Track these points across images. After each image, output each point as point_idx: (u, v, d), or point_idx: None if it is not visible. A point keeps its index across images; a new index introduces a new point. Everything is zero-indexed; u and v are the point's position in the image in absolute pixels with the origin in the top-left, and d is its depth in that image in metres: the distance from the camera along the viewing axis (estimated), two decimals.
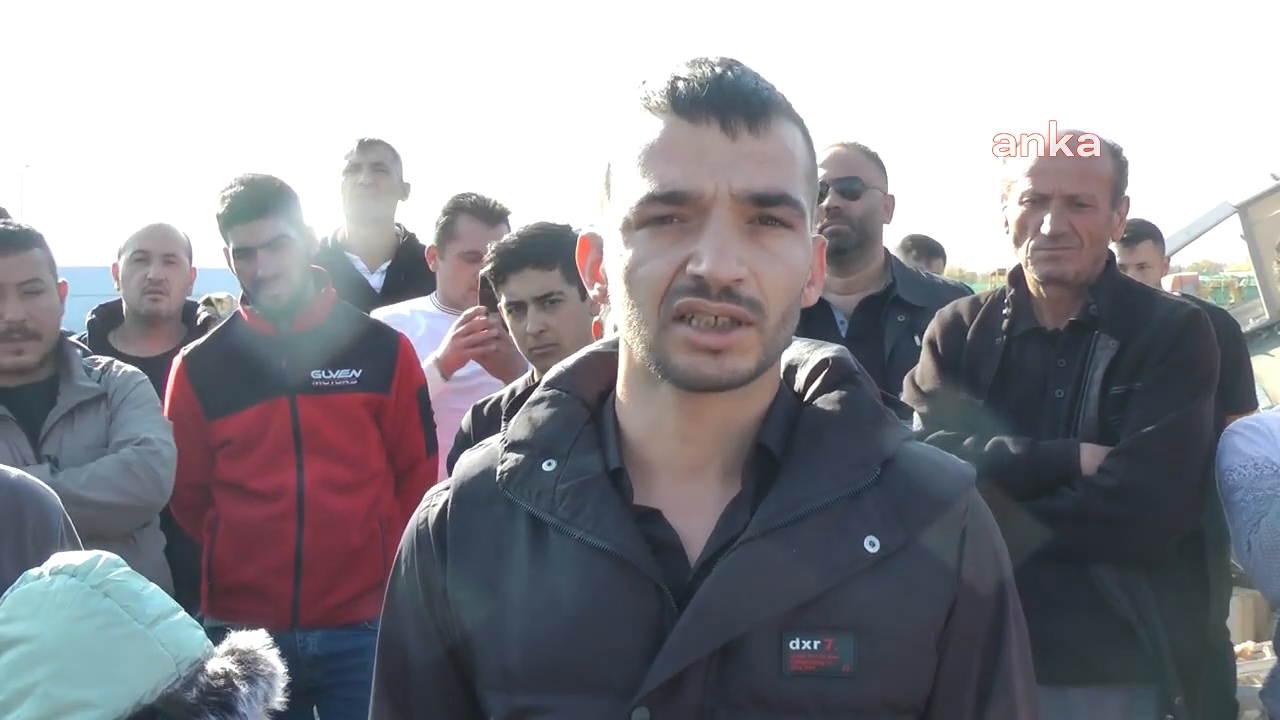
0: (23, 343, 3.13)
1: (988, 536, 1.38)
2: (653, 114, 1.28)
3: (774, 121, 1.27)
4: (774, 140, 1.27)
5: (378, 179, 4.70)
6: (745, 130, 1.25)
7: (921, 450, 1.40)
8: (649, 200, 1.26)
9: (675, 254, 1.25)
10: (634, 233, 1.27)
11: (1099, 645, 2.67)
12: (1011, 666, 1.37)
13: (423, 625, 1.42)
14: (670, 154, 1.26)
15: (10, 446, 3.07)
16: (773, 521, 1.28)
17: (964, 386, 2.87)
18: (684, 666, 1.26)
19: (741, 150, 1.25)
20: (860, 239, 3.63)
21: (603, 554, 1.29)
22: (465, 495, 1.41)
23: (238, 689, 1.71)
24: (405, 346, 3.67)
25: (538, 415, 1.40)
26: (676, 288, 1.25)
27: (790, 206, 1.27)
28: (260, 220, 3.47)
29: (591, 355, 1.46)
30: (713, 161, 1.24)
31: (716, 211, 1.24)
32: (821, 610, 1.28)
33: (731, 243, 1.24)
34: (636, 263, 1.27)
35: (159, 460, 3.14)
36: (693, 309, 1.24)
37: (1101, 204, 2.80)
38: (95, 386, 3.20)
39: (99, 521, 3.00)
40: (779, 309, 1.27)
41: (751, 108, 1.26)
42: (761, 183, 1.25)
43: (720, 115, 1.25)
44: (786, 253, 1.27)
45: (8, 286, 3.12)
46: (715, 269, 1.22)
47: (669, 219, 1.26)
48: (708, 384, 1.27)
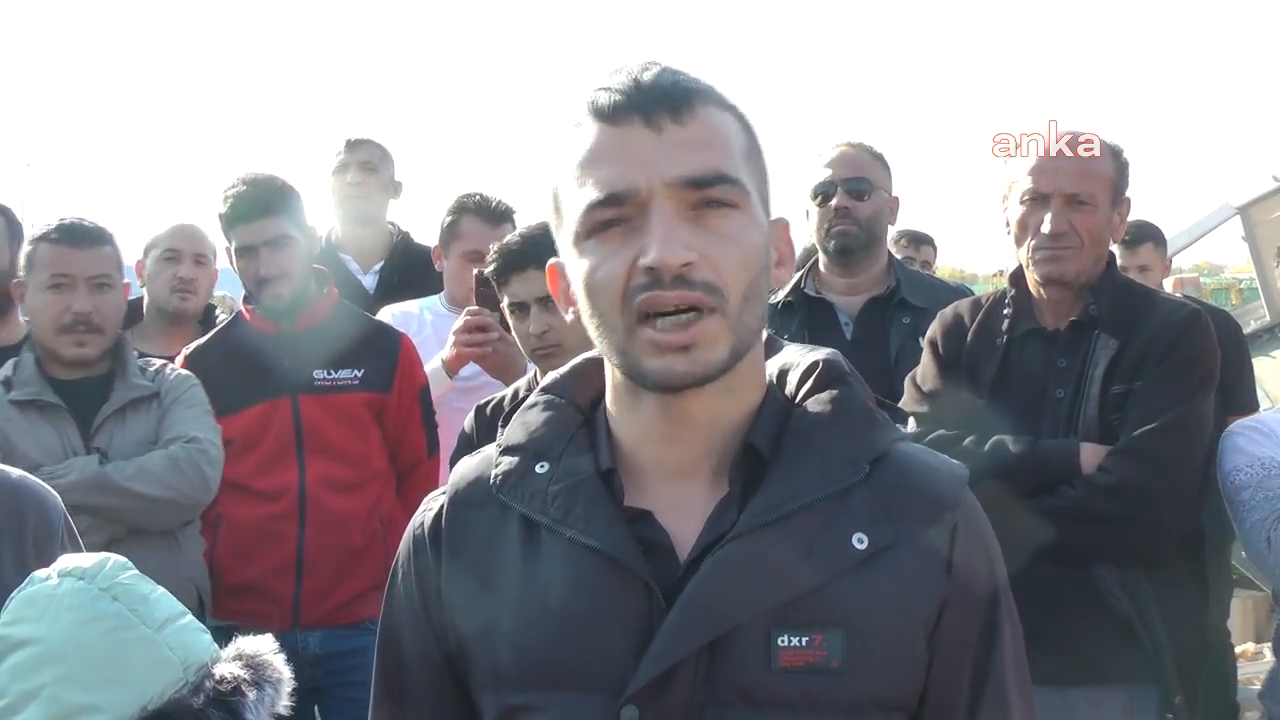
0: (86, 335, 3.17)
1: (980, 535, 1.38)
2: (580, 129, 1.30)
3: (698, 109, 1.29)
4: (700, 126, 1.29)
5: (366, 178, 4.70)
6: (669, 121, 1.27)
7: (913, 450, 1.40)
8: (590, 208, 1.28)
9: (625, 254, 1.27)
10: (585, 243, 1.30)
11: (1100, 645, 2.67)
12: (1005, 666, 1.37)
13: (419, 628, 1.43)
14: (601, 159, 1.28)
15: (61, 436, 3.12)
16: (760, 519, 1.29)
17: (965, 386, 2.87)
18: (672, 664, 1.27)
19: (668, 141, 1.27)
20: (867, 240, 3.63)
21: (593, 553, 1.31)
22: (460, 499, 1.42)
23: (245, 695, 1.71)
24: (407, 346, 3.67)
25: (531, 419, 1.42)
26: (633, 287, 1.26)
27: (729, 184, 1.28)
28: (263, 219, 3.47)
29: (586, 361, 1.47)
30: (642, 157, 1.26)
31: (655, 204, 1.26)
32: (810, 607, 1.28)
33: (675, 230, 1.25)
34: (591, 270, 1.29)
35: (206, 459, 3.16)
36: (652, 304, 1.25)
37: (1102, 204, 2.80)
38: (149, 385, 3.23)
39: (143, 515, 3.05)
40: (738, 289, 1.28)
41: (672, 100, 1.28)
42: (693, 166, 1.26)
43: (642, 112, 1.27)
44: (737, 232, 1.28)
45: (78, 280, 3.17)
46: (662, 256, 1.24)
47: (614, 222, 1.28)
48: (684, 381, 1.28)
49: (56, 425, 3.13)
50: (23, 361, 3.21)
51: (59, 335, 3.16)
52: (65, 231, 3.21)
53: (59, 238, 3.20)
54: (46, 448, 3.08)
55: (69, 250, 3.19)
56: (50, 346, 3.19)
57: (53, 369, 3.21)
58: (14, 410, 3.11)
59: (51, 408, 3.14)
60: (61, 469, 3.02)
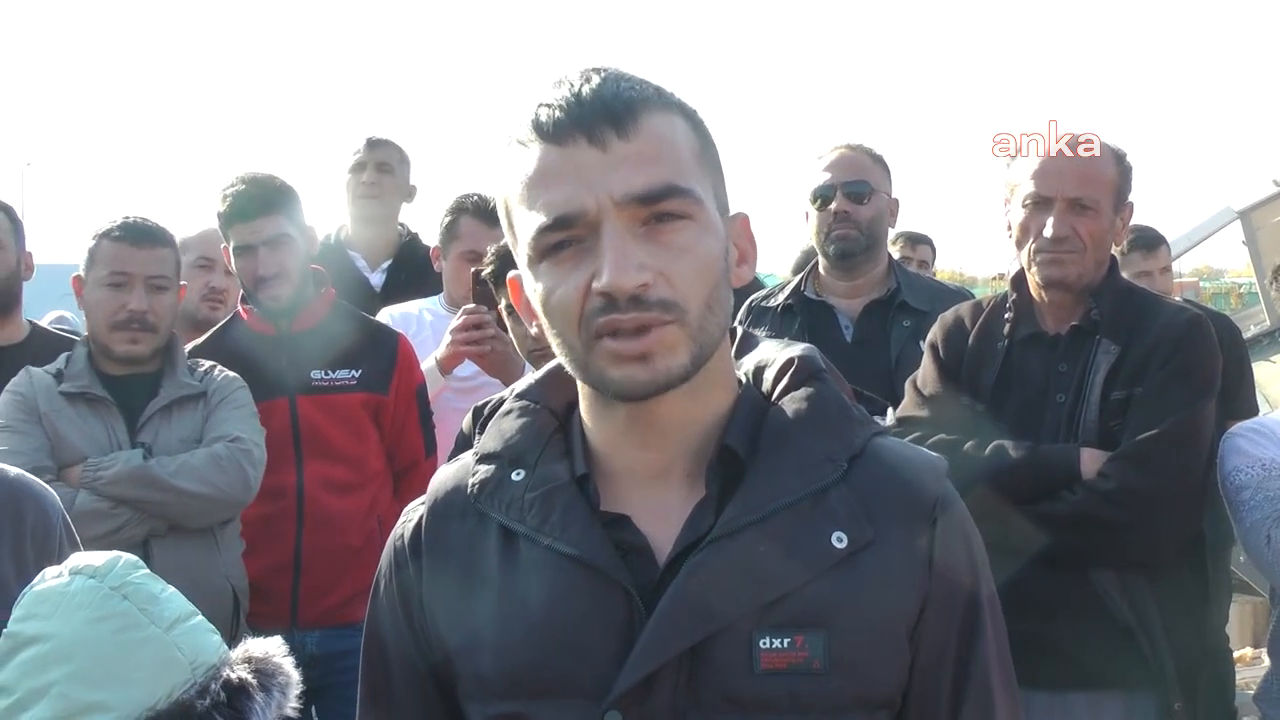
0: (140, 333, 3.20)
1: (961, 529, 1.37)
2: (524, 147, 1.28)
3: (643, 119, 1.26)
4: (646, 137, 1.26)
5: (381, 179, 4.70)
6: (614, 137, 1.25)
7: (892, 445, 1.39)
8: (540, 232, 1.26)
9: (578, 277, 1.25)
10: (538, 266, 1.28)
11: (1099, 650, 2.66)
12: (988, 660, 1.36)
13: (403, 638, 1.43)
14: (547, 181, 1.26)
15: (108, 429, 3.14)
16: (738, 521, 1.28)
17: (965, 391, 2.87)
18: (654, 668, 1.26)
19: (614, 158, 1.24)
20: (868, 243, 3.62)
21: (570, 560, 1.30)
22: (439, 509, 1.42)
23: (253, 698, 1.70)
24: (404, 347, 3.66)
25: (507, 426, 1.42)
26: (589, 310, 1.25)
27: (681, 197, 1.26)
28: (261, 219, 3.47)
29: (558, 366, 1.45)
30: (588, 177, 1.24)
31: (606, 224, 1.24)
32: (790, 608, 1.28)
33: (628, 251, 1.23)
34: (547, 293, 1.28)
35: (249, 459, 3.17)
36: (609, 327, 1.24)
37: (1104, 208, 2.79)
38: (196, 385, 3.25)
39: (183, 510, 3.07)
40: (698, 300, 1.27)
41: (615, 113, 1.25)
42: (641, 183, 1.24)
43: (585, 130, 1.25)
44: (692, 244, 1.27)
45: (136, 278, 3.21)
46: (616, 280, 1.22)
47: (565, 244, 1.26)
48: (645, 390, 1.27)
49: (104, 418, 3.16)
50: (75, 355, 3.25)
51: (113, 331, 3.19)
52: (128, 230, 3.24)
53: (121, 235, 3.23)
54: (93, 440, 3.11)
55: (129, 249, 3.22)
56: (104, 342, 3.22)
57: (104, 364, 3.23)
58: (63, 401, 3.14)
59: (100, 401, 3.16)
60: (107, 461, 3.05)
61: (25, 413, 3.10)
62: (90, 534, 2.70)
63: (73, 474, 3.04)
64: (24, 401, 3.12)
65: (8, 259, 3.67)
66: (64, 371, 3.20)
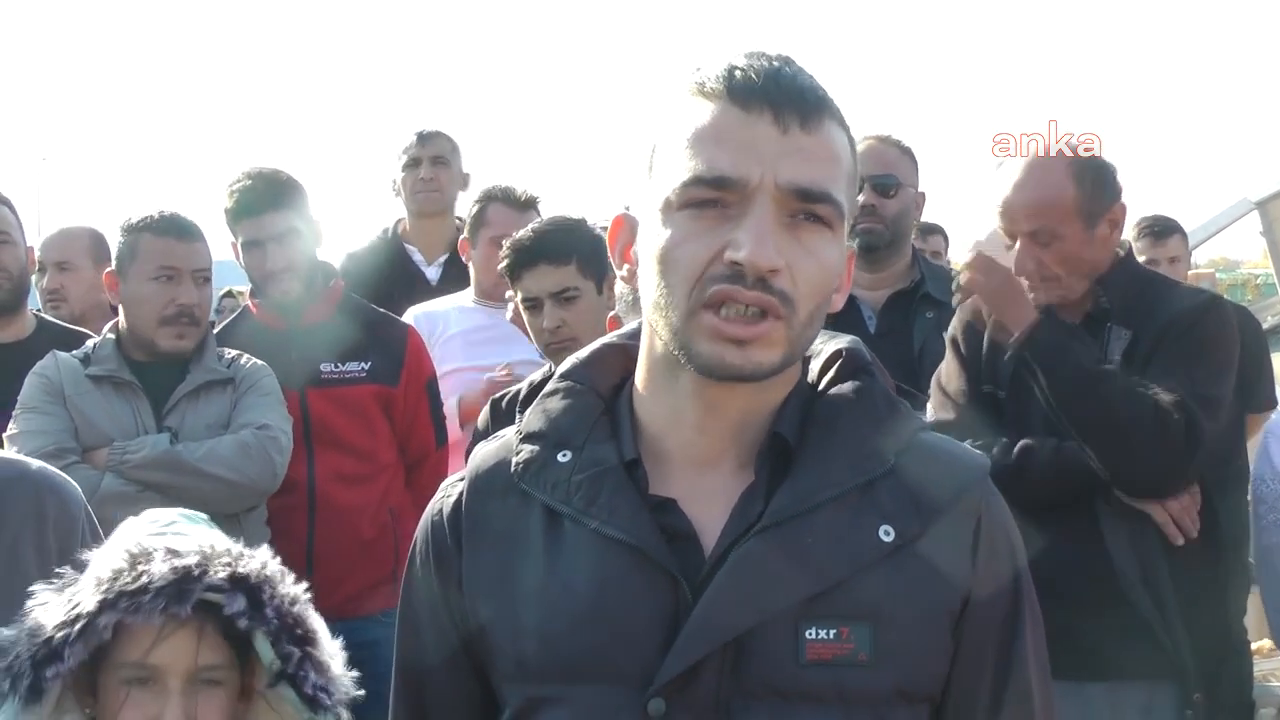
0: (187, 327, 3.21)
1: (1003, 525, 1.38)
2: (706, 99, 1.28)
3: (826, 122, 1.28)
4: (824, 139, 1.27)
5: (438, 173, 4.70)
6: (797, 125, 1.25)
7: (936, 440, 1.40)
8: (694, 182, 1.26)
9: (714, 239, 1.25)
10: (674, 214, 1.28)
11: (1119, 641, 2.65)
12: (1027, 655, 1.37)
13: (437, 617, 1.42)
14: (720, 139, 1.26)
15: (134, 413, 3.14)
16: (787, 511, 1.28)
17: (986, 380, 2.86)
18: (699, 658, 1.26)
19: (791, 144, 1.25)
20: (892, 237, 3.60)
21: (618, 544, 1.30)
22: (480, 486, 1.41)
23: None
24: (414, 339, 3.68)
25: (552, 407, 1.41)
26: (711, 274, 1.25)
27: (832, 205, 1.27)
28: (269, 214, 3.48)
29: (605, 346, 1.46)
30: (762, 151, 1.25)
31: (760, 200, 1.24)
32: (837, 600, 1.28)
33: (771, 233, 1.24)
34: (674, 244, 1.27)
35: (275, 446, 3.17)
36: (727, 297, 1.24)
37: (1068, 232, 2.73)
38: (224, 371, 3.25)
39: (209, 496, 3.04)
40: (808, 306, 1.28)
41: (806, 104, 1.26)
42: (807, 177, 1.25)
43: (774, 107, 1.25)
44: (822, 251, 1.28)
45: (184, 273, 3.21)
46: (754, 257, 1.22)
47: (712, 203, 1.26)
48: (730, 373, 1.27)
49: (131, 402, 3.15)
50: (103, 340, 3.25)
51: (161, 326, 3.18)
52: (171, 224, 3.24)
53: (166, 230, 3.22)
54: (120, 423, 3.11)
55: (176, 243, 3.22)
56: (149, 337, 3.21)
57: (133, 352, 3.23)
58: (90, 385, 3.14)
59: (126, 385, 3.16)
60: (134, 445, 3.05)
61: (50, 395, 3.10)
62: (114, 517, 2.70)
63: (99, 457, 3.03)
64: (49, 384, 3.12)
65: (18, 254, 3.65)
66: (91, 355, 3.20)
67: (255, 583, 1.70)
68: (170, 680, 1.68)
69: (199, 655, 1.68)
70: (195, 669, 1.68)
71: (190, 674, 1.68)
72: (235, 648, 1.72)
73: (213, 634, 1.69)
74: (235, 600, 1.67)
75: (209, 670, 1.70)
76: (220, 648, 1.70)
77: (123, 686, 1.68)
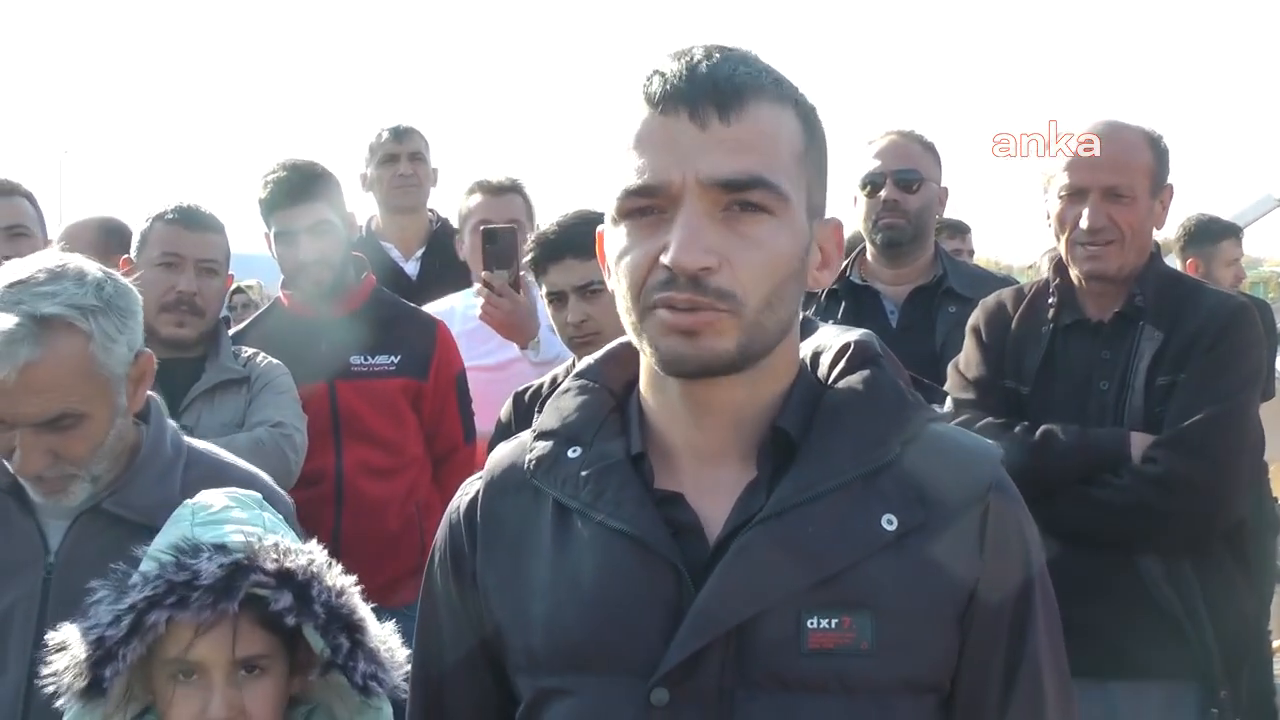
0: (188, 316, 3.21)
1: (1015, 517, 1.37)
2: (635, 108, 1.30)
3: (750, 106, 1.27)
4: (748, 124, 1.27)
5: (417, 168, 4.72)
6: (715, 118, 1.25)
7: (947, 431, 1.40)
8: (625, 194, 1.28)
9: (651, 245, 1.27)
10: (619, 226, 1.30)
11: (1143, 639, 2.65)
12: (1039, 650, 1.36)
13: (455, 615, 1.45)
14: (643, 147, 1.28)
15: None
16: (789, 501, 1.29)
17: (1009, 375, 2.86)
18: (701, 646, 1.27)
19: (711, 138, 1.25)
20: (915, 232, 3.59)
21: (622, 536, 1.31)
22: (496, 485, 1.44)
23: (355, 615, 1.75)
24: (443, 334, 3.69)
25: (565, 405, 1.44)
26: (651, 282, 1.27)
27: (765, 190, 1.27)
28: (303, 205, 3.49)
29: (620, 345, 1.47)
30: (681, 150, 1.25)
31: (686, 201, 1.25)
32: (839, 589, 1.28)
33: (700, 231, 1.24)
34: (620, 253, 1.30)
35: (290, 444, 3.18)
36: (664, 303, 1.26)
37: (1141, 195, 2.77)
38: (240, 370, 3.26)
39: None
40: (759, 295, 1.27)
41: (723, 95, 1.26)
42: (729, 169, 1.25)
43: (689, 105, 1.26)
44: (767, 239, 1.27)
45: (187, 261, 3.22)
46: (679, 258, 1.23)
47: (647, 210, 1.28)
48: (688, 366, 1.28)
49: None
50: None
51: (160, 313, 3.19)
52: (181, 213, 3.26)
53: (174, 218, 3.24)
54: None
55: (182, 231, 3.24)
56: (150, 323, 3.18)
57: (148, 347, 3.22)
58: None
59: None
60: None
61: None
62: None
63: None
64: None
65: (35, 247, 3.61)
66: None
67: (303, 579, 1.71)
68: (214, 673, 1.70)
69: (237, 648, 1.70)
70: (236, 661, 1.71)
71: (232, 666, 1.71)
72: (284, 632, 1.74)
73: (251, 626, 1.71)
74: (282, 596, 1.69)
75: (252, 660, 1.72)
76: (261, 638, 1.72)
77: (171, 681, 1.71)
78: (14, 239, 3.62)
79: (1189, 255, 5.32)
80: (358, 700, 1.74)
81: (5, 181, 3.69)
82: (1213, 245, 5.23)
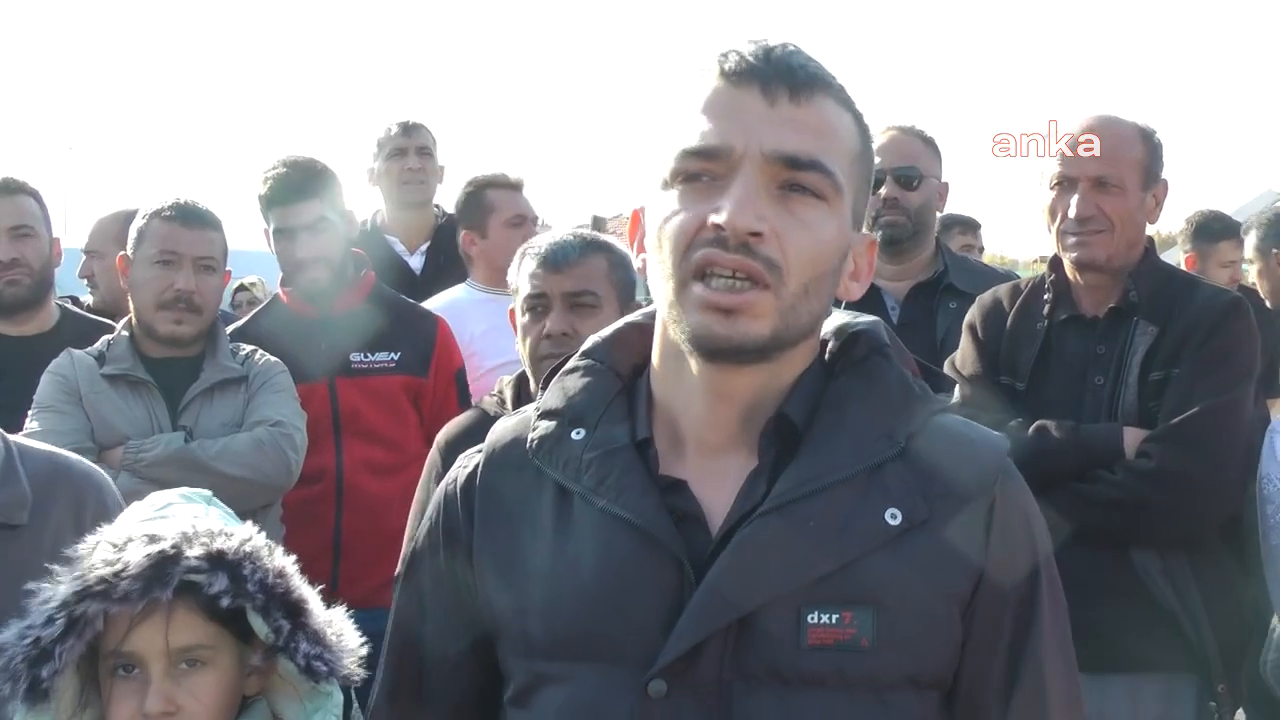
0: (186, 314, 3.19)
1: (1020, 511, 1.36)
2: (703, 80, 1.30)
3: (817, 96, 1.29)
4: (814, 111, 1.28)
5: (425, 163, 4.73)
6: (785, 98, 1.27)
7: (952, 423, 1.38)
8: (683, 155, 1.28)
9: (702, 208, 1.26)
10: (670, 190, 1.30)
11: (1139, 633, 2.65)
12: (1043, 645, 1.35)
13: (441, 585, 1.44)
14: (710, 112, 1.28)
15: (150, 412, 3.15)
16: (790, 494, 1.28)
17: (1004, 372, 2.86)
18: (700, 640, 1.26)
19: (779, 115, 1.27)
20: (915, 229, 3.60)
21: (624, 524, 1.30)
22: (496, 460, 1.42)
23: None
24: (444, 330, 3.68)
25: (570, 384, 1.42)
26: (698, 240, 1.26)
27: (822, 174, 1.27)
28: (302, 202, 3.50)
29: (628, 326, 1.46)
30: (747, 121, 1.26)
31: (745, 168, 1.26)
32: (840, 583, 1.27)
33: (755, 199, 1.25)
34: (668, 216, 1.29)
35: (290, 443, 3.17)
36: (709, 260, 1.25)
37: (1131, 187, 2.77)
38: (238, 369, 3.25)
39: (224, 494, 3.03)
40: (800, 278, 1.27)
41: (795, 78, 1.27)
42: (793, 145, 1.26)
43: (762, 81, 1.27)
44: (816, 223, 1.28)
45: (185, 258, 3.19)
46: (733, 218, 1.23)
47: (701, 175, 1.28)
48: (719, 344, 1.27)
49: (145, 401, 3.16)
50: (117, 337, 3.24)
51: (158, 311, 3.18)
52: (179, 210, 3.23)
53: (172, 215, 3.22)
54: (134, 422, 3.11)
55: (180, 229, 3.21)
56: (148, 321, 3.21)
57: (146, 346, 3.23)
58: (105, 384, 3.14)
59: (142, 384, 3.16)
60: (148, 443, 3.05)
61: (66, 393, 3.10)
62: None
63: (114, 456, 3.04)
64: (65, 383, 3.12)
65: (40, 247, 3.65)
66: (106, 354, 3.20)
67: (235, 559, 1.65)
68: (152, 666, 1.64)
69: (171, 637, 1.64)
70: (172, 652, 1.64)
71: (168, 657, 1.64)
72: (235, 626, 1.68)
73: (187, 615, 1.64)
74: (217, 579, 1.62)
75: (190, 651, 1.66)
76: (202, 628, 1.66)
77: (111, 677, 1.66)
78: (20, 238, 3.62)
79: (1189, 249, 5.32)
80: (307, 687, 1.69)
81: (11, 180, 3.69)
82: (1211, 244, 5.21)
